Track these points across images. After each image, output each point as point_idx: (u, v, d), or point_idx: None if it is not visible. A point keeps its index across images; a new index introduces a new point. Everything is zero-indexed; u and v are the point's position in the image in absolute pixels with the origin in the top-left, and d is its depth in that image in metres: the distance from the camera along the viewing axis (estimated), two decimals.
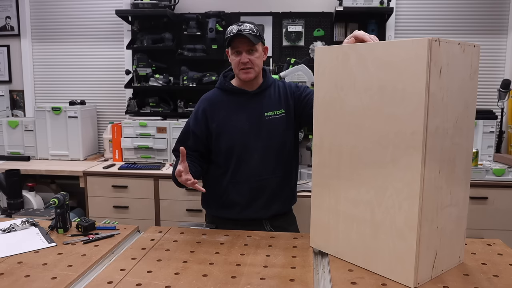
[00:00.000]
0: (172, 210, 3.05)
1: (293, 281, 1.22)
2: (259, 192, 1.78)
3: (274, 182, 1.80)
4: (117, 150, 3.42)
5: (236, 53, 1.73)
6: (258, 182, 1.75)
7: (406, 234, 1.15)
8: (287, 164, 1.84)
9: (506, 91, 3.08)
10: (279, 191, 1.82)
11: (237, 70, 1.76)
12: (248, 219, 1.80)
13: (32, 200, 3.04)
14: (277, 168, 1.80)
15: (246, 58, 1.71)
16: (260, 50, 1.76)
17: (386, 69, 1.17)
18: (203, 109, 1.82)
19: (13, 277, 1.24)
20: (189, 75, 3.43)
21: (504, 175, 2.78)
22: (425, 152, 1.10)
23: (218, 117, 1.79)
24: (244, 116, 1.78)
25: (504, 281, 1.21)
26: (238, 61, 1.73)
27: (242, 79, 1.76)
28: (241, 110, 1.79)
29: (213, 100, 1.84)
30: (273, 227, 1.83)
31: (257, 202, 1.79)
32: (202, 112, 1.82)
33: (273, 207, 1.81)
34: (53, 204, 1.58)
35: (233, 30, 1.71)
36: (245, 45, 1.71)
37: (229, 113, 1.79)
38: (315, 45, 3.41)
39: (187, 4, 3.57)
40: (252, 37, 1.69)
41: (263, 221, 1.83)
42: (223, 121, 1.78)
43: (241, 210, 1.79)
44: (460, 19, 3.40)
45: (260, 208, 1.79)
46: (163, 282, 1.21)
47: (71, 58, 3.83)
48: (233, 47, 1.73)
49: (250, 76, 1.74)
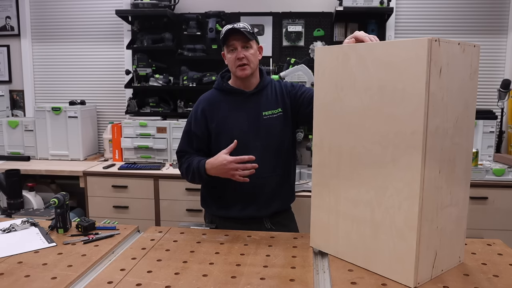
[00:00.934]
0: (172, 210, 3.05)
1: (293, 281, 1.22)
2: (259, 191, 1.79)
3: (274, 181, 1.81)
4: (117, 150, 3.42)
5: (232, 50, 1.76)
6: (258, 181, 1.75)
7: (406, 234, 1.15)
8: (286, 162, 1.86)
9: (506, 91, 3.08)
10: (279, 189, 1.84)
11: (233, 67, 1.77)
12: (249, 217, 1.81)
13: (32, 200, 3.03)
14: (276, 166, 1.81)
15: (242, 53, 1.73)
16: (255, 48, 1.79)
17: (386, 69, 1.17)
18: (202, 109, 1.83)
19: (13, 277, 1.24)
20: (189, 75, 3.43)
21: (504, 175, 2.78)
22: (425, 152, 1.10)
23: (217, 117, 1.80)
24: (242, 116, 1.79)
25: (504, 281, 1.21)
26: (234, 58, 1.75)
27: (238, 76, 1.77)
28: (239, 110, 1.80)
29: (211, 100, 1.85)
30: (273, 223, 1.84)
31: (258, 201, 1.80)
32: (201, 113, 1.83)
33: (273, 205, 1.83)
34: (53, 204, 1.58)
35: (227, 28, 1.74)
36: (240, 41, 1.73)
37: (227, 113, 1.80)
38: (315, 45, 3.41)
39: (187, 4, 3.57)
40: (246, 33, 1.72)
41: (263, 219, 1.84)
42: (222, 121, 1.79)
43: (241, 209, 1.80)
44: (460, 19, 3.40)
45: (261, 207, 1.80)
46: (163, 282, 1.21)
47: (71, 58, 3.83)
48: (228, 44, 1.75)
49: (246, 72, 1.76)
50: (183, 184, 3.00)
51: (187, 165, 1.80)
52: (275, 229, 1.80)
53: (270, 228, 1.82)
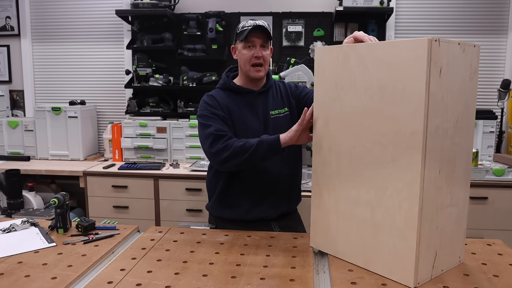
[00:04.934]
0: (172, 210, 3.04)
1: (293, 281, 1.22)
2: (268, 191, 1.75)
3: (282, 181, 1.77)
4: (117, 150, 3.42)
5: (249, 47, 1.70)
6: (267, 181, 1.73)
7: (406, 234, 1.15)
8: (294, 163, 1.83)
9: (506, 91, 3.08)
10: (288, 190, 1.81)
11: (247, 65, 1.72)
12: (256, 219, 1.75)
13: (32, 200, 3.04)
14: (284, 166, 1.77)
15: (260, 52, 1.70)
16: (270, 49, 1.76)
17: (386, 69, 1.17)
18: (212, 96, 1.73)
19: (13, 277, 1.24)
20: (189, 75, 3.43)
21: (504, 175, 2.77)
22: (425, 152, 1.10)
23: (229, 110, 1.73)
24: (254, 114, 1.75)
25: (504, 281, 1.21)
26: (251, 55, 1.70)
27: (252, 76, 1.73)
28: (249, 109, 1.76)
29: (218, 98, 1.76)
30: (281, 227, 1.79)
31: (266, 201, 1.75)
32: (212, 100, 1.72)
33: (281, 207, 1.78)
34: (53, 204, 1.58)
35: (250, 23, 1.68)
36: (261, 39, 1.70)
37: (239, 111, 1.74)
38: (315, 45, 3.41)
39: (187, 4, 3.57)
40: (268, 32, 1.70)
41: (271, 222, 1.78)
42: (237, 119, 1.73)
43: (249, 210, 1.75)
44: (460, 19, 3.40)
45: (269, 208, 1.76)
46: (163, 282, 1.21)
47: (71, 58, 3.83)
48: (247, 40, 1.69)
49: (261, 74, 1.73)
50: (183, 184, 3.00)
51: (242, 143, 1.57)
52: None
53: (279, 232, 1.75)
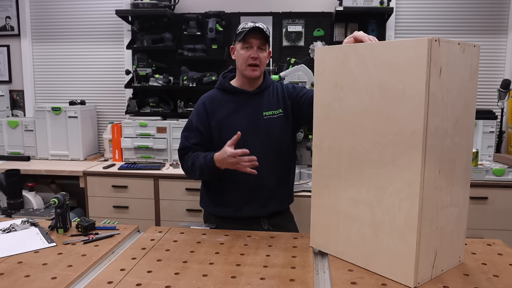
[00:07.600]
0: (172, 210, 3.04)
1: (293, 281, 1.22)
2: (257, 191, 1.79)
3: (272, 181, 1.81)
4: (117, 150, 3.42)
5: (247, 48, 1.76)
6: (256, 181, 1.75)
7: (406, 234, 1.15)
8: (285, 163, 1.86)
9: (506, 91, 3.08)
10: (277, 190, 1.84)
11: (244, 65, 1.77)
12: (245, 217, 1.81)
13: (32, 200, 3.03)
14: (275, 167, 1.81)
15: (257, 53, 1.75)
16: (267, 51, 1.82)
17: (386, 69, 1.17)
18: (204, 105, 1.84)
19: (13, 277, 1.24)
20: (189, 75, 3.43)
21: (504, 175, 2.78)
22: (425, 152, 1.10)
23: (217, 115, 1.81)
24: (243, 115, 1.80)
25: (504, 281, 1.21)
26: (247, 56, 1.75)
27: (247, 75, 1.78)
28: (240, 110, 1.81)
29: (213, 98, 1.86)
30: (271, 225, 1.84)
31: (255, 201, 1.80)
32: (203, 108, 1.83)
33: (270, 206, 1.83)
34: (53, 204, 1.58)
35: (249, 25, 1.75)
36: (258, 41, 1.75)
37: (229, 112, 1.81)
38: (315, 45, 3.41)
39: (187, 4, 3.57)
40: (265, 35, 1.75)
41: (260, 219, 1.84)
42: (223, 120, 1.80)
43: (238, 208, 1.81)
44: (460, 19, 3.40)
45: (258, 207, 1.80)
46: (163, 282, 1.21)
47: (71, 58, 3.83)
48: (245, 41, 1.75)
49: (256, 73, 1.78)
50: (183, 184, 3.00)
51: (191, 162, 1.77)
52: (273, 231, 1.79)
53: (267, 229, 1.82)
